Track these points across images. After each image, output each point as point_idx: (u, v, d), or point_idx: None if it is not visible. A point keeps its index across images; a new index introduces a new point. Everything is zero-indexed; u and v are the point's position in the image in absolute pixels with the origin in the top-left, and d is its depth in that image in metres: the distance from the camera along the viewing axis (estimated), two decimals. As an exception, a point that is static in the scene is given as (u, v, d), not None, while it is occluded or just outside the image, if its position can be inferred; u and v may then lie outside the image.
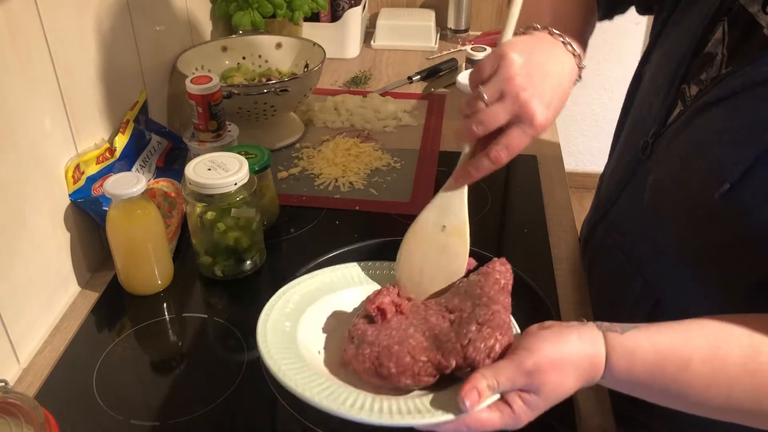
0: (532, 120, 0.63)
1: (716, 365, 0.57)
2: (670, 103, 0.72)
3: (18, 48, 0.78)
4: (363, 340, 0.64)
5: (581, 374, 0.57)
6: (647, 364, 0.57)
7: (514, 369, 0.56)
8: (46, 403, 0.65)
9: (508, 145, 0.64)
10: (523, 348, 0.57)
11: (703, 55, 0.69)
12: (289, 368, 0.62)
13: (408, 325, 0.66)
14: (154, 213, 0.88)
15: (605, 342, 0.58)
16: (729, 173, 0.61)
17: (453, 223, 0.69)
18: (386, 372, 0.62)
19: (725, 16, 0.67)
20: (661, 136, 0.72)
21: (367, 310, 0.67)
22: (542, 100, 0.63)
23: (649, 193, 0.73)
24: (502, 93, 0.63)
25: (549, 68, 0.66)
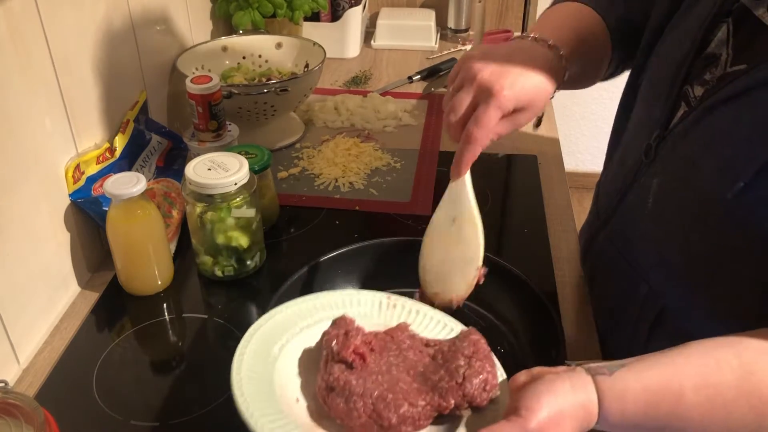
0: (491, 90, 0.66)
1: (710, 392, 0.56)
2: (672, 105, 0.71)
3: (18, 48, 0.78)
4: (350, 392, 0.61)
5: (576, 424, 0.57)
6: (639, 404, 0.57)
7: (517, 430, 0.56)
8: (46, 403, 0.64)
9: (476, 120, 0.67)
10: (525, 408, 0.57)
11: (706, 55, 0.68)
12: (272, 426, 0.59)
13: (389, 365, 0.64)
14: (154, 213, 0.88)
15: (596, 387, 0.58)
16: (742, 172, 0.60)
17: (461, 213, 0.71)
18: (387, 424, 0.60)
19: (726, 18, 0.67)
20: (666, 139, 0.72)
21: (341, 356, 0.63)
22: (502, 73, 0.67)
23: (653, 198, 0.73)
24: (463, 81, 0.69)
25: (511, 56, 0.70)
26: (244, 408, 0.59)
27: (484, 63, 0.68)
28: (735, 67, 0.65)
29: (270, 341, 0.67)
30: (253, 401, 0.60)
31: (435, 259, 0.74)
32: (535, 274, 0.83)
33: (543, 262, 0.97)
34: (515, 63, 0.69)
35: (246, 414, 0.59)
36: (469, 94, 0.68)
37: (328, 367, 0.64)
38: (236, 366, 0.63)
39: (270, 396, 0.62)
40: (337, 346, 0.64)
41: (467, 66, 0.69)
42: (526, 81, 0.69)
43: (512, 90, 0.67)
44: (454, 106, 0.69)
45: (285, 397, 0.63)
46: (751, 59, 0.63)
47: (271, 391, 0.62)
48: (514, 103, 0.68)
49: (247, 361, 0.64)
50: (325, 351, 0.66)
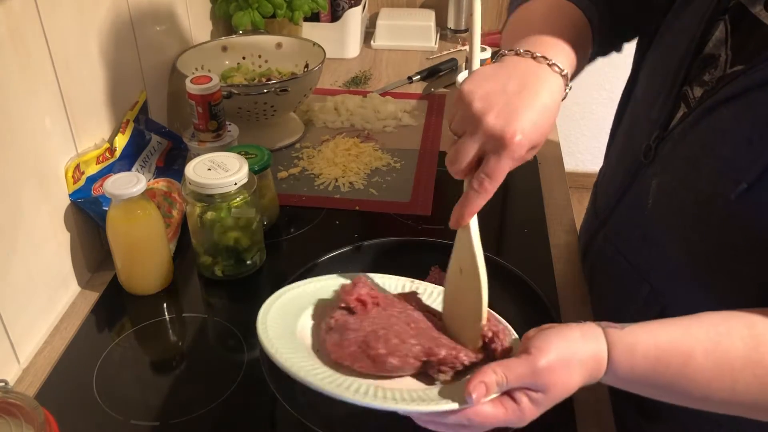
0: (502, 140, 0.58)
1: (719, 358, 0.57)
2: (671, 106, 0.71)
3: (18, 48, 0.78)
4: (345, 328, 0.63)
5: (586, 372, 0.57)
6: (649, 359, 0.57)
7: (525, 368, 0.56)
8: (46, 403, 0.64)
9: (487, 172, 0.60)
10: (534, 347, 0.57)
11: (705, 56, 0.68)
12: (290, 356, 0.61)
13: (389, 316, 0.66)
14: (154, 213, 0.88)
15: (606, 338, 0.58)
16: (744, 173, 0.60)
17: (467, 264, 0.66)
18: (374, 353, 0.60)
19: (722, 16, 0.66)
20: (665, 140, 0.71)
21: (345, 301, 0.66)
22: (510, 117, 0.59)
23: (653, 198, 0.73)
24: (465, 126, 0.60)
25: (515, 86, 0.61)
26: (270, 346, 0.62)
27: (486, 103, 0.59)
28: (734, 68, 0.65)
29: (294, 305, 0.70)
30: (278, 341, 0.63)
31: (450, 311, 0.70)
32: (535, 274, 0.83)
33: (543, 262, 0.97)
34: (524, 97, 0.60)
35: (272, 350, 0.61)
36: (474, 143, 0.60)
37: (330, 311, 0.66)
38: (262, 315, 0.66)
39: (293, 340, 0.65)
40: (342, 294, 0.67)
41: (468, 109, 0.60)
42: (537, 119, 0.60)
43: (523, 134, 0.59)
44: (457, 157, 0.61)
45: (306, 345, 0.66)
46: (749, 59, 0.63)
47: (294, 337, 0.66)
48: (527, 148, 0.60)
49: (272, 313, 0.67)
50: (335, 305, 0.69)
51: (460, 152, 0.60)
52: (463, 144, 0.60)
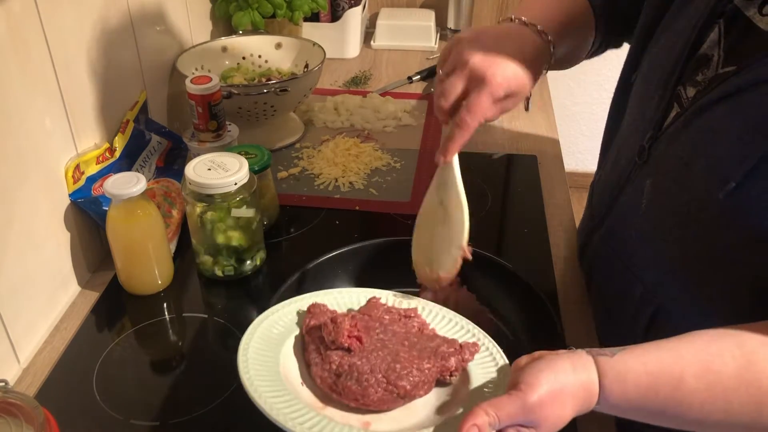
0: (483, 78, 0.67)
1: (711, 380, 0.56)
2: (665, 106, 0.72)
3: (18, 48, 0.78)
4: (359, 372, 0.63)
5: (577, 403, 0.57)
6: (640, 386, 0.57)
7: (517, 405, 0.56)
8: (46, 403, 0.64)
9: (469, 106, 0.68)
10: (524, 383, 0.57)
11: (698, 57, 0.68)
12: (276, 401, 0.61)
13: (382, 342, 0.67)
14: (154, 213, 0.88)
15: (597, 367, 0.58)
16: (733, 172, 0.60)
17: (449, 195, 0.73)
18: (403, 392, 0.62)
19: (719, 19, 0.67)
20: (659, 140, 0.72)
21: (339, 343, 0.65)
22: (493, 60, 0.68)
23: (647, 198, 0.73)
24: (455, 65, 0.69)
25: (502, 39, 0.71)
26: (252, 389, 0.61)
27: (475, 48, 0.69)
28: (726, 69, 0.65)
29: (271, 335, 0.70)
30: (260, 383, 0.62)
31: (424, 239, 0.77)
32: (535, 274, 0.83)
33: (543, 262, 0.97)
34: (506, 49, 0.70)
35: (254, 394, 0.61)
36: (460, 79, 0.69)
37: (325, 357, 0.65)
38: (242, 352, 0.66)
39: (277, 378, 0.64)
40: (331, 336, 0.66)
41: (458, 50, 0.70)
42: (517, 68, 0.70)
43: (504, 77, 0.68)
44: (445, 91, 0.69)
45: (290, 382, 0.65)
46: (741, 60, 0.63)
47: (277, 374, 0.65)
48: (505, 90, 0.69)
49: (252, 348, 0.67)
50: (309, 340, 0.68)
51: (447, 87, 0.69)
52: (450, 80, 0.69)
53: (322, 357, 0.66)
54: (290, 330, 0.71)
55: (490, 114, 0.70)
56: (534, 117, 1.38)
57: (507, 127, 1.34)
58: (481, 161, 1.22)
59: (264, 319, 0.71)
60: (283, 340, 0.70)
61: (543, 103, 1.44)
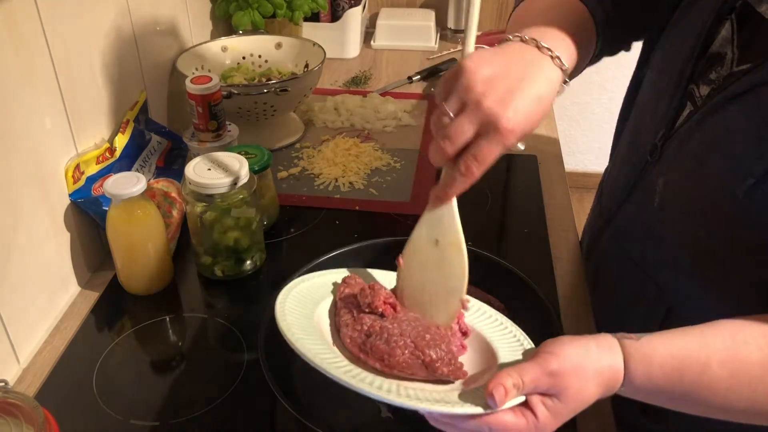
0: (497, 126, 0.58)
1: (736, 367, 0.56)
2: (677, 104, 0.71)
3: (18, 48, 0.78)
4: (389, 334, 0.64)
5: (602, 382, 0.57)
6: (665, 370, 0.57)
7: (538, 370, 0.56)
8: (46, 403, 0.64)
9: (477, 156, 0.59)
10: (546, 351, 0.57)
11: (711, 54, 0.68)
12: (313, 347, 0.61)
13: (415, 318, 0.67)
14: (154, 213, 0.88)
15: (622, 349, 0.58)
16: (752, 169, 0.60)
17: (445, 235, 0.66)
18: (428, 360, 0.62)
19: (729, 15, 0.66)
20: (671, 138, 0.71)
21: (373, 307, 0.66)
22: (507, 104, 0.58)
23: (659, 197, 0.72)
24: (464, 104, 0.59)
25: (516, 73, 0.60)
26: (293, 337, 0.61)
27: (488, 87, 0.58)
28: (741, 66, 0.65)
29: (310, 294, 0.71)
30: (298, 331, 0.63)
31: (414, 284, 0.68)
32: (535, 274, 0.83)
33: (543, 262, 0.97)
34: (522, 88, 0.60)
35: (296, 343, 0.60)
36: (472, 124, 0.59)
37: (357, 319, 0.66)
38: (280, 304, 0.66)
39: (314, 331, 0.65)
40: (368, 299, 0.66)
41: (467, 84, 0.59)
42: (533, 110, 0.60)
43: (518, 124, 0.59)
44: (450, 135, 0.59)
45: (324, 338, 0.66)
46: (756, 57, 0.63)
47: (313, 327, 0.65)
48: (518, 138, 0.60)
49: (289, 304, 0.67)
50: (343, 307, 0.68)
51: (455, 131, 0.59)
52: (460, 123, 0.59)
53: (354, 319, 0.66)
54: (324, 296, 0.72)
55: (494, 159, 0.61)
56: (534, 117, 1.38)
57: (507, 127, 1.34)
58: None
59: (300, 283, 0.72)
60: (318, 302, 0.70)
61: (543, 103, 1.43)
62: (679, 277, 0.72)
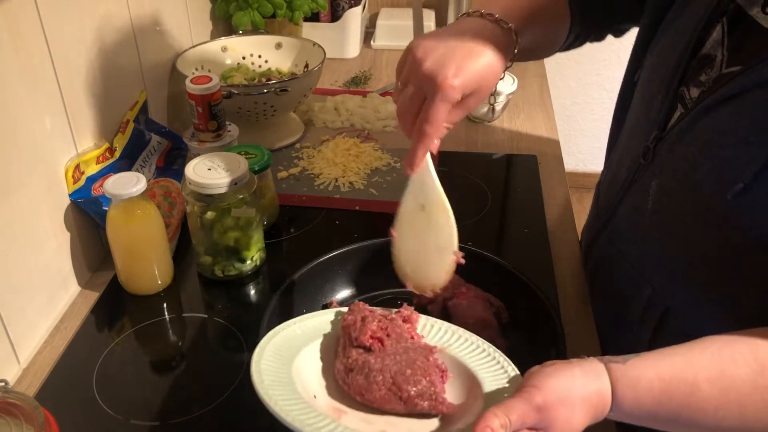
0: (434, 83, 0.63)
1: (725, 385, 0.56)
2: (669, 106, 0.71)
3: (18, 48, 0.78)
4: (369, 369, 0.64)
5: (589, 409, 0.57)
6: (653, 392, 0.57)
7: (524, 406, 0.56)
8: (46, 403, 0.65)
9: (426, 117, 0.64)
10: (531, 385, 0.57)
11: (701, 56, 0.68)
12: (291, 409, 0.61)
13: (406, 349, 0.67)
14: (154, 213, 0.88)
15: (609, 374, 0.58)
16: (741, 173, 0.60)
17: (430, 199, 0.69)
18: (406, 396, 0.62)
19: (721, 18, 0.66)
20: (663, 140, 0.71)
21: (359, 341, 0.66)
22: (446, 64, 0.63)
23: (653, 199, 0.72)
24: (409, 73, 0.65)
25: (454, 39, 0.66)
26: (266, 396, 0.61)
27: (427, 51, 0.64)
28: (730, 69, 0.65)
29: (287, 346, 0.69)
30: (274, 390, 0.62)
31: (409, 250, 0.73)
32: (535, 274, 0.83)
33: (543, 262, 0.97)
34: (460, 46, 0.65)
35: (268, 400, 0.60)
36: (415, 88, 0.65)
37: (346, 351, 0.66)
38: (256, 361, 0.65)
39: (291, 387, 0.64)
40: (355, 332, 0.66)
41: (411, 57, 0.65)
42: (472, 64, 0.65)
43: (457, 78, 0.63)
44: (402, 104, 0.66)
45: (305, 392, 0.65)
46: (745, 60, 0.63)
47: (291, 383, 0.64)
48: (460, 92, 0.64)
49: (266, 357, 0.66)
50: (343, 337, 0.68)
51: (404, 99, 0.65)
52: (405, 92, 0.65)
53: (344, 351, 0.67)
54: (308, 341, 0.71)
55: (452, 118, 0.66)
56: (534, 117, 1.38)
57: (507, 127, 1.34)
58: (481, 161, 1.22)
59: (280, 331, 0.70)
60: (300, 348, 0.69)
61: (543, 103, 1.44)
62: (673, 279, 0.72)
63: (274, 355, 0.67)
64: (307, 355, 0.70)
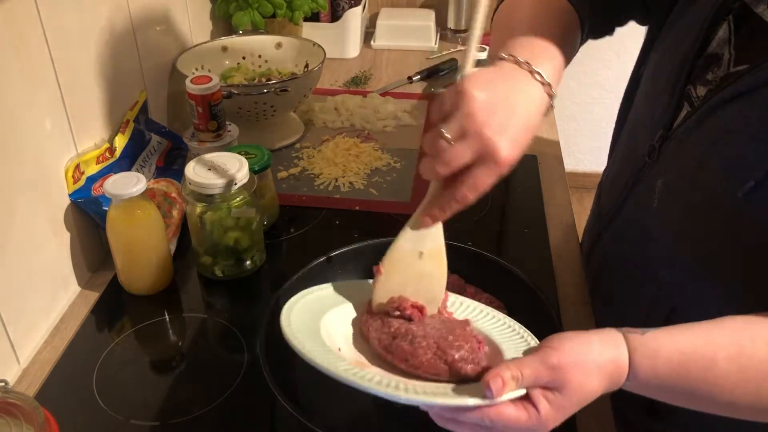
0: (496, 157, 0.60)
1: (743, 363, 0.56)
2: (675, 105, 0.71)
3: (18, 48, 0.78)
4: (413, 335, 0.65)
5: (605, 376, 0.57)
6: (672, 364, 0.56)
7: (538, 362, 0.56)
8: (46, 403, 0.65)
9: (475, 185, 0.62)
10: (547, 346, 0.57)
11: (708, 55, 0.68)
12: (314, 349, 0.62)
13: (442, 320, 0.68)
14: (154, 213, 0.88)
15: (627, 344, 0.57)
16: (752, 171, 0.60)
17: (430, 248, 0.68)
18: (450, 359, 0.62)
19: (727, 17, 0.66)
20: (669, 139, 0.71)
21: (401, 309, 0.68)
22: (506, 135, 0.60)
23: (658, 198, 0.72)
24: (464, 131, 0.60)
25: (513, 101, 0.62)
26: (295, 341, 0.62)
27: (489, 113, 0.60)
28: (738, 67, 0.65)
29: (317, 305, 0.71)
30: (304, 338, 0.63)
31: (393, 287, 0.70)
32: (535, 274, 0.83)
33: (543, 262, 0.97)
34: (517, 116, 0.62)
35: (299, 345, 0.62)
36: (470, 151, 0.60)
37: (386, 322, 0.67)
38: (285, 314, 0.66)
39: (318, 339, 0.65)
40: (395, 304, 0.68)
41: (470, 112, 0.59)
42: (527, 138, 0.63)
43: (514, 155, 0.61)
44: (448, 160, 0.60)
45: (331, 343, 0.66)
46: (753, 58, 0.63)
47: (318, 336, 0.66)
48: (510, 167, 0.62)
49: (295, 311, 0.67)
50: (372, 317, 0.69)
51: (455, 156, 0.60)
52: (459, 149, 0.60)
53: (383, 323, 0.68)
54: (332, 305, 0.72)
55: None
56: (534, 117, 1.38)
57: (507, 127, 1.34)
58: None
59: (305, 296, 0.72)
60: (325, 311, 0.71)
61: (543, 103, 1.43)
62: (679, 278, 0.72)
63: (303, 309, 0.69)
64: (336, 314, 0.71)
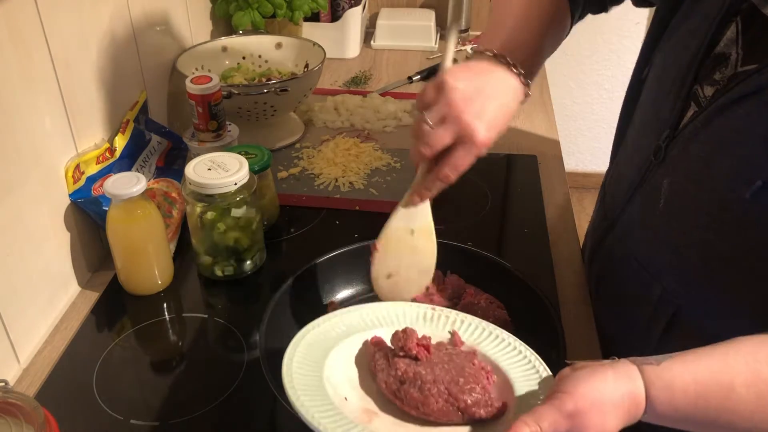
0: (473, 139, 0.68)
1: (761, 388, 0.56)
2: (681, 105, 0.71)
3: (18, 48, 0.78)
4: (423, 381, 0.63)
5: (623, 413, 0.56)
6: (689, 395, 0.56)
7: (555, 413, 0.55)
8: (46, 403, 0.64)
9: (455, 165, 0.70)
10: (561, 391, 0.56)
11: (715, 55, 0.68)
12: (321, 415, 0.60)
13: (450, 356, 0.67)
14: (154, 213, 0.88)
15: (642, 376, 0.57)
16: (760, 171, 0.60)
17: (421, 225, 0.75)
18: (463, 405, 0.61)
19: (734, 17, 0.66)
20: (675, 139, 0.71)
21: (407, 349, 0.66)
22: (483, 119, 0.68)
23: (664, 198, 0.72)
24: (444, 117, 0.68)
25: (489, 90, 0.71)
26: (297, 402, 0.60)
27: (466, 100, 0.68)
28: (745, 67, 0.64)
29: (316, 347, 0.68)
30: (304, 396, 0.61)
31: (390, 267, 0.77)
32: (535, 274, 0.83)
33: (543, 262, 0.97)
34: (493, 104, 0.70)
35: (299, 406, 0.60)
36: (450, 134, 0.68)
37: (392, 363, 0.66)
38: (287, 365, 0.64)
39: (321, 392, 0.63)
40: (400, 342, 0.67)
41: (448, 100, 0.68)
42: (503, 121, 0.71)
43: (490, 137, 0.70)
44: (432, 142, 0.69)
45: (336, 395, 0.64)
46: (761, 58, 0.63)
47: (321, 387, 0.64)
48: (488, 148, 0.70)
49: (296, 361, 0.65)
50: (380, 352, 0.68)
51: (434, 139, 0.69)
52: (439, 133, 0.69)
53: (389, 363, 0.66)
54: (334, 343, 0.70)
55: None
56: (534, 117, 1.38)
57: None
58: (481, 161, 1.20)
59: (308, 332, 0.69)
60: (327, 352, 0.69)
61: (543, 103, 1.44)
62: (685, 279, 0.71)
63: (304, 358, 0.66)
64: (337, 355, 0.69)
